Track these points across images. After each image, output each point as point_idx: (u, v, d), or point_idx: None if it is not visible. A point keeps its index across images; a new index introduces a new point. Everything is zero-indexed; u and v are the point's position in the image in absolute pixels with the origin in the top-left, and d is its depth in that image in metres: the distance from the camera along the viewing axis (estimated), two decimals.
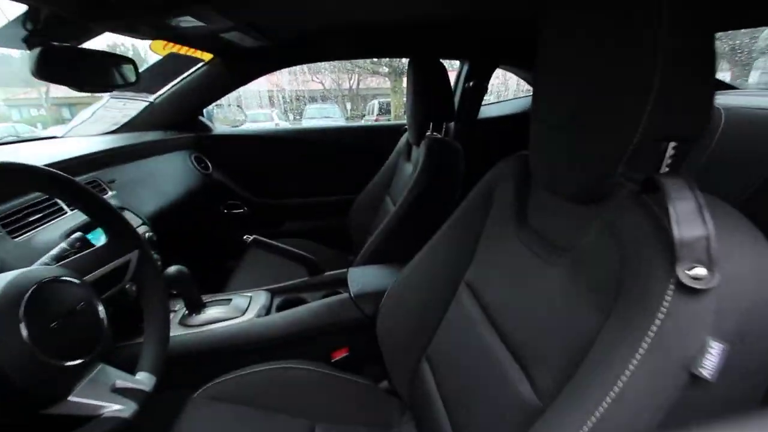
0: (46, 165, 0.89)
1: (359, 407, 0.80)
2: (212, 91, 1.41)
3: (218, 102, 1.60)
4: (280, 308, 0.98)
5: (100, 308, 0.55)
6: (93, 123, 1.31)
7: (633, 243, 0.37)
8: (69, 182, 0.56)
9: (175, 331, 0.88)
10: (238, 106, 1.62)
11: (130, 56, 0.82)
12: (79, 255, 0.59)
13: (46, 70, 0.66)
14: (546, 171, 0.50)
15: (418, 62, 1.15)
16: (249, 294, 1.02)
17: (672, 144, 0.41)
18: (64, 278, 0.51)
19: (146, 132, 1.36)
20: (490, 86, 1.72)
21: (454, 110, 1.22)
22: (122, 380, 0.55)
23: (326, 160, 1.74)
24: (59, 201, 0.83)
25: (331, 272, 1.06)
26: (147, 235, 0.98)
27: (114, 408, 0.51)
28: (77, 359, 0.49)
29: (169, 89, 1.37)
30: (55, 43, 0.71)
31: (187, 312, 0.93)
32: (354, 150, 1.74)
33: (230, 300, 0.98)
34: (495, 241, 0.65)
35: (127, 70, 0.80)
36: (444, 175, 1.08)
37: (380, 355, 0.83)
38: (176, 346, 0.84)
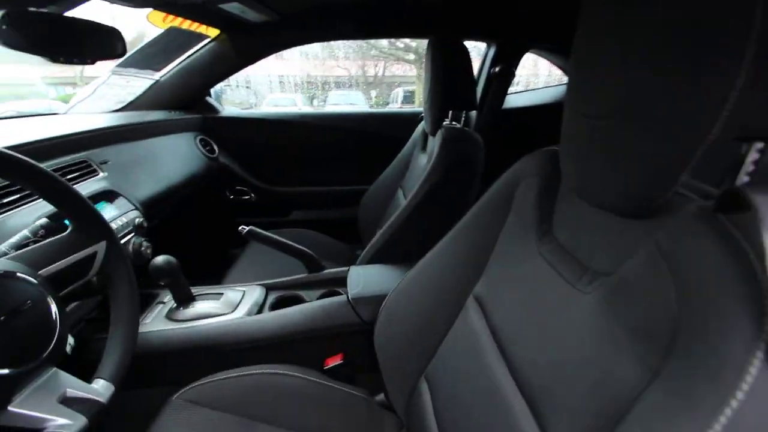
0: (30, 142, 0.84)
1: (352, 421, 0.73)
2: (219, 70, 1.33)
3: (227, 82, 1.53)
4: (274, 306, 0.91)
5: (53, 307, 0.48)
6: (96, 100, 1.26)
7: (700, 282, 0.27)
8: (16, 161, 0.49)
9: (160, 325, 0.83)
10: (247, 86, 1.54)
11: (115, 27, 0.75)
12: (36, 245, 0.53)
13: (15, 37, 0.59)
14: (580, 172, 0.40)
15: (438, 43, 1.04)
16: (243, 288, 0.95)
17: (758, 145, 0.30)
18: (9, 273, 0.45)
19: (150, 111, 1.31)
20: (516, 75, 1.58)
21: (475, 98, 1.10)
22: (74, 389, 0.49)
23: (339, 147, 1.65)
24: None
25: (332, 270, 0.98)
26: (138, 221, 0.92)
27: (58, 422, 0.45)
28: (17, 366, 0.43)
29: (174, 67, 1.31)
30: (31, 9, 0.64)
31: (175, 305, 0.88)
32: (368, 137, 1.65)
33: (222, 294, 0.91)
34: (511, 252, 0.55)
35: (112, 41, 0.73)
36: (460, 169, 0.97)
37: (377, 365, 0.75)
38: (159, 342, 0.79)
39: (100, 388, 0.51)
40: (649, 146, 0.31)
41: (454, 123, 1.10)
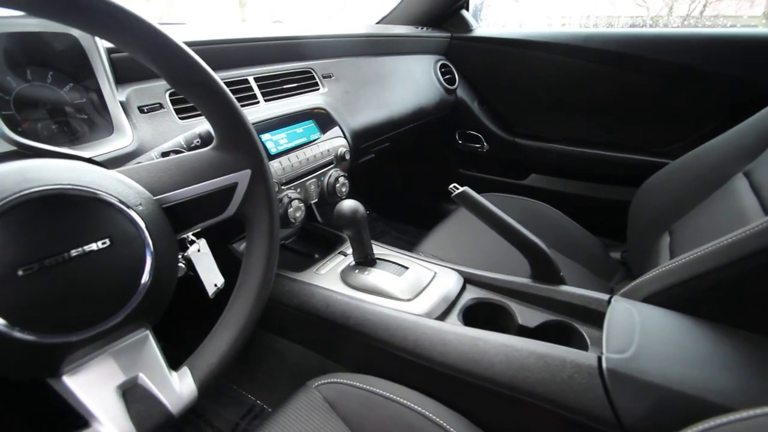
0: (248, 39, 0.74)
1: None
2: None
3: None
4: (467, 313, 0.61)
5: (148, 252, 0.33)
6: (355, 9, 1.17)
7: None
8: (148, 28, 0.32)
9: (330, 283, 0.67)
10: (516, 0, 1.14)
11: None
12: (166, 160, 0.38)
13: None
14: None
15: None
16: (435, 269, 0.68)
17: None
18: (89, 193, 0.30)
19: (396, 26, 1.12)
20: None
21: None
22: (148, 377, 0.34)
23: (631, 91, 1.06)
24: (255, 90, 0.69)
25: (574, 290, 0.58)
26: (341, 151, 0.77)
27: (99, 428, 0.30)
28: (68, 331, 0.29)
29: None
30: None
31: (353, 263, 0.70)
32: (686, 77, 0.98)
33: (407, 269, 0.68)
34: None
35: None
36: None
37: None
38: (321, 303, 0.64)
39: (180, 388, 0.35)
40: None
41: None
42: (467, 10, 1.21)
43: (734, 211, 0.69)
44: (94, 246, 0.30)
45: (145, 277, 0.33)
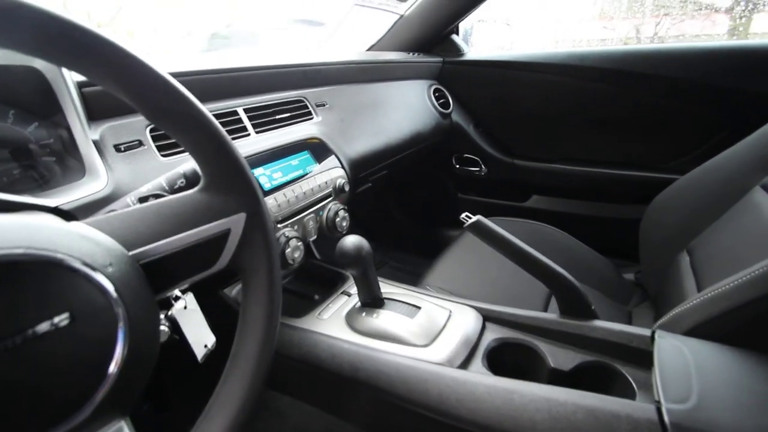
0: (238, 68, 0.69)
1: None
2: None
3: (481, 17, 1.18)
4: (491, 355, 0.55)
5: (121, 327, 0.26)
6: (342, 38, 1.15)
7: None
8: (123, 54, 0.27)
9: (334, 328, 0.60)
10: (507, 24, 1.14)
11: None
12: (142, 207, 0.32)
13: None
14: None
15: None
16: (449, 306, 0.62)
17: None
18: (42, 255, 0.24)
19: (387, 52, 1.11)
20: None
21: None
22: None
23: (633, 108, 1.05)
24: (245, 122, 0.64)
25: (609, 326, 0.52)
26: (340, 182, 0.72)
27: None
28: None
29: None
30: None
31: (360, 304, 0.63)
32: (692, 93, 0.97)
33: (419, 309, 0.61)
34: None
35: None
36: None
37: None
38: (326, 353, 0.56)
39: None
40: None
41: None
42: (457, 34, 1.21)
43: (761, 227, 0.65)
44: (48, 325, 0.23)
45: (117, 357, 0.26)
